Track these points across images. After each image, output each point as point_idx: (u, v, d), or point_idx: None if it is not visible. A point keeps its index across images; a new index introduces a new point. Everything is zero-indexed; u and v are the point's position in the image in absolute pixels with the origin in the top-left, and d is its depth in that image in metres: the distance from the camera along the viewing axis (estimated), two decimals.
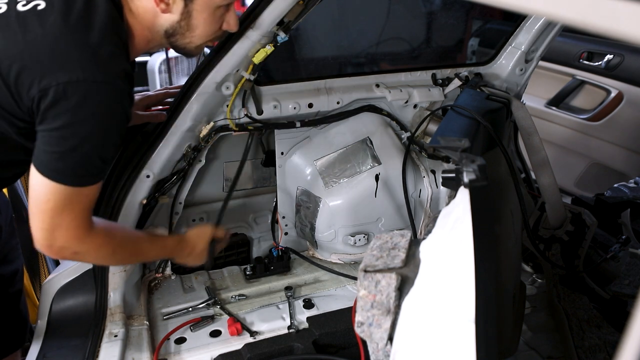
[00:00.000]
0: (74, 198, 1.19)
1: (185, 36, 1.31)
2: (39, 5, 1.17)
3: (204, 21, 1.29)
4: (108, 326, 1.69)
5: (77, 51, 1.13)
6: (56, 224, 1.19)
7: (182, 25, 1.28)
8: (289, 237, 2.17)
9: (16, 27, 1.15)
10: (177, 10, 1.25)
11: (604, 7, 0.46)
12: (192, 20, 1.27)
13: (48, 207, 1.18)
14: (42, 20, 1.15)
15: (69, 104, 1.11)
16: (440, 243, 0.93)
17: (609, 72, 3.00)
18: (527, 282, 2.12)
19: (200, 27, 1.30)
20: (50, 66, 1.12)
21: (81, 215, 1.23)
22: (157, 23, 1.28)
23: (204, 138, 1.77)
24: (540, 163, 1.92)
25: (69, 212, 1.20)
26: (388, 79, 2.00)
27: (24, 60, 1.13)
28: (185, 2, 1.24)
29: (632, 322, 0.45)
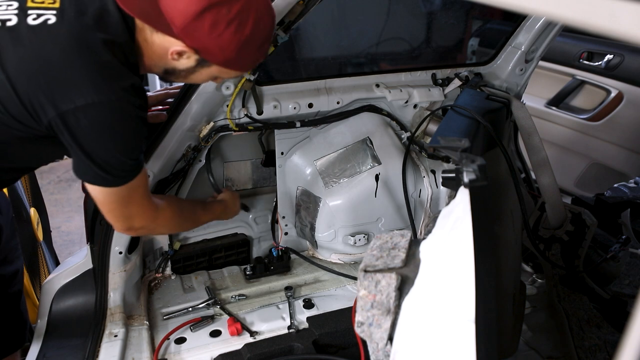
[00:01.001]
0: (130, 192, 1.33)
1: (178, 79, 1.39)
2: (50, 20, 1.17)
3: (200, 80, 1.41)
4: (108, 326, 1.69)
5: (90, 72, 1.16)
6: (127, 214, 1.38)
7: (182, 75, 1.35)
8: (289, 237, 2.17)
9: (28, 43, 1.15)
10: (184, 64, 1.31)
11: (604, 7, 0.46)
12: (191, 75, 1.36)
13: (114, 207, 1.34)
14: (53, 37, 1.16)
15: (90, 125, 1.18)
16: (440, 243, 0.93)
17: (609, 72, 3.00)
18: (527, 282, 2.12)
19: (194, 81, 1.41)
20: (65, 89, 1.15)
21: (144, 200, 1.40)
22: (162, 61, 1.32)
23: (204, 138, 1.77)
24: (540, 163, 1.92)
25: (132, 203, 1.36)
26: (388, 79, 2.00)
27: (38, 80, 1.14)
28: (196, 65, 1.31)
29: (632, 322, 0.45)
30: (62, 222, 3.68)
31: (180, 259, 2.04)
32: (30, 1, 1.20)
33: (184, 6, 1.18)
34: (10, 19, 1.18)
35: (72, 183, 4.15)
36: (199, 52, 1.26)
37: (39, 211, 2.32)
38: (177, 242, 2.02)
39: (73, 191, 4.07)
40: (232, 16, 1.20)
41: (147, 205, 1.41)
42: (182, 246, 2.05)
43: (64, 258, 2.01)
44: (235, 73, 1.39)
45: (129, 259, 1.78)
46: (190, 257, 2.07)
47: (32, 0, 1.20)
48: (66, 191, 4.09)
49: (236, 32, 1.22)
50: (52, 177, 4.26)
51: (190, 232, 2.07)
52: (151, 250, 2.00)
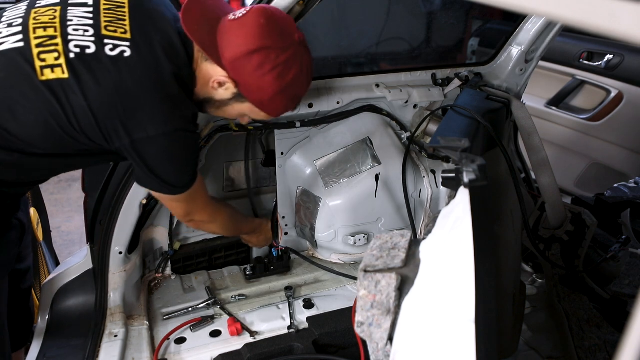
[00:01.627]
0: (192, 194, 1.49)
1: (211, 109, 1.48)
2: (125, 52, 1.25)
3: (230, 115, 1.50)
4: (108, 326, 1.69)
5: (162, 105, 1.27)
6: (190, 211, 1.57)
7: (217, 105, 1.45)
8: (289, 237, 2.17)
9: (107, 74, 1.23)
10: (221, 95, 1.41)
11: (604, 7, 0.46)
12: (224, 107, 1.46)
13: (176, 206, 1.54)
14: (131, 69, 1.24)
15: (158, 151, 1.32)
16: (440, 243, 0.93)
17: (609, 72, 3.00)
18: (527, 282, 2.12)
19: (225, 114, 1.50)
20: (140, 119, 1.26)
21: (204, 200, 1.59)
22: (205, 89, 1.41)
23: (204, 138, 1.77)
24: (540, 163, 1.92)
25: (192, 203, 1.54)
26: (388, 79, 2.00)
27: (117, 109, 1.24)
28: (231, 98, 1.40)
29: (632, 322, 0.45)
30: (62, 222, 3.68)
31: (180, 259, 2.05)
32: (104, 29, 1.26)
33: (239, 42, 1.31)
34: (89, 47, 1.24)
35: (72, 183, 4.15)
36: (239, 86, 1.36)
37: (39, 211, 2.32)
38: (177, 242, 2.02)
39: (73, 191, 4.06)
40: (279, 62, 1.33)
41: (205, 204, 1.60)
42: (182, 246, 2.05)
43: (64, 258, 2.01)
44: (263, 116, 1.49)
45: (129, 259, 1.78)
46: (190, 257, 2.07)
47: (106, 29, 1.26)
48: (66, 191, 4.09)
49: (278, 77, 1.35)
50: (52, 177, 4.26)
51: (190, 232, 2.08)
52: (151, 250, 2.00)
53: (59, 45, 1.22)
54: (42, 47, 1.22)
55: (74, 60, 1.22)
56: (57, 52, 1.22)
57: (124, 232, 1.71)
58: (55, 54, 1.22)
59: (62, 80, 1.20)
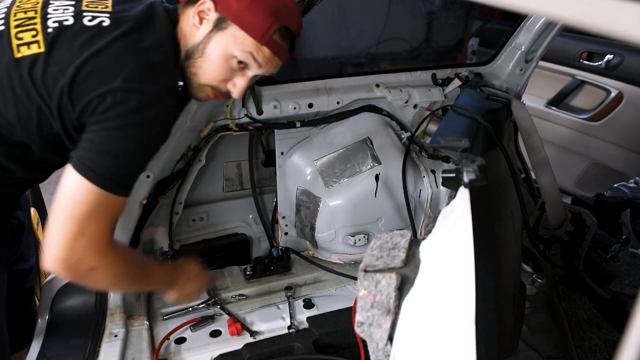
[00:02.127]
0: (104, 205, 1.18)
1: (195, 63, 1.35)
2: (104, 22, 1.23)
3: (216, 59, 1.33)
4: (108, 326, 1.69)
5: (135, 64, 1.20)
6: (80, 231, 1.16)
7: (199, 49, 1.33)
8: (289, 237, 2.17)
9: (83, 40, 1.20)
10: (203, 31, 1.32)
11: (604, 7, 0.46)
12: (207, 48, 1.32)
13: (77, 211, 1.16)
14: (106, 35, 1.21)
15: (123, 109, 1.16)
16: (440, 243, 0.93)
17: (609, 72, 3.00)
18: (527, 282, 2.12)
19: (210, 62, 1.33)
20: (111, 75, 1.18)
21: (106, 227, 1.21)
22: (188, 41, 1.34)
23: (204, 138, 1.77)
24: (540, 163, 1.93)
25: (96, 220, 1.18)
26: (388, 79, 2.00)
27: (87, 69, 1.18)
28: (212, 28, 1.31)
29: (632, 322, 0.45)
30: None
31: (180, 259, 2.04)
32: (85, 6, 1.27)
33: None
34: (68, 19, 1.24)
35: None
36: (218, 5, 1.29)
37: (39, 211, 2.32)
38: (177, 242, 2.02)
39: None
40: None
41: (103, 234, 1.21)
42: (182, 246, 2.05)
43: None
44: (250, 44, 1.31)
45: None
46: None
47: (87, 5, 1.27)
48: None
49: None
50: (52, 177, 4.26)
51: (191, 232, 2.07)
52: (151, 250, 2.00)
53: (37, 24, 1.23)
54: (20, 27, 1.23)
55: (51, 34, 1.22)
56: (35, 30, 1.22)
57: (124, 232, 1.71)
58: (33, 32, 1.22)
59: (37, 55, 1.20)
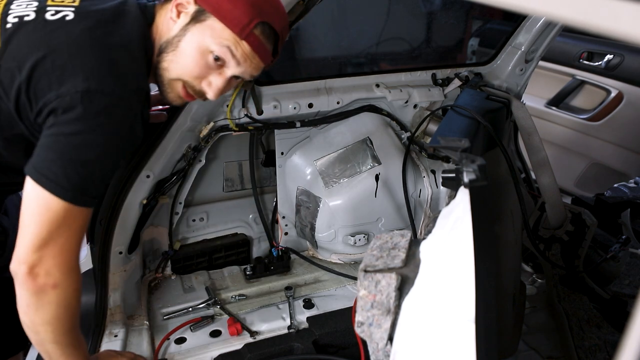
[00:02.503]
0: (69, 217, 1.12)
1: (167, 57, 1.27)
2: (67, 16, 1.17)
3: (191, 53, 1.25)
4: (108, 326, 1.69)
5: (97, 62, 1.13)
6: (48, 240, 1.11)
7: (174, 42, 1.26)
8: (289, 237, 2.17)
9: (42, 34, 1.15)
10: (180, 24, 1.26)
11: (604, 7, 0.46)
12: (183, 41, 1.25)
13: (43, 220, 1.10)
14: (68, 29, 1.15)
15: (82, 112, 1.09)
16: (440, 243, 0.93)
17: (609, 72, 3.00)
18: (527, 282, 2.12)
19: (185, 56, 1.26)
20: (70, 73, 1.11)
21: (73, 241, 1.15)
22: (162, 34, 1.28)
23: (204, 138, 1.77)
24: (540, 163, 1.93)
25: (63, 231, 1.12)
26: (388, 79, 2.00)
27: (45, 65, 1.12)
28: (190, 20, 1.24)
29: (632, 322, 0.45)
30: None
31: (180, 259, 2.04)
32: (50, 0, 1.21)
33: None
34: (29, 15, 1.18)
35: None
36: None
37: None
38: (177, 242, 2.02)
39: None
40: None
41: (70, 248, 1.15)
42: (182, 246, 2.05)
43: None
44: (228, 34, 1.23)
45: (129, 259, 1.78)
46: (190, 257, 2.07)
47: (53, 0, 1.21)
48: None
49: None
50: None
51: (190, 232, 2.07)
52: (151, 250, 2.00)
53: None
54: None
55: (9, 30, 1.16)
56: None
57: (124, 232, 1.71)
58: None
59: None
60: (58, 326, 1.21)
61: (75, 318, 1.24)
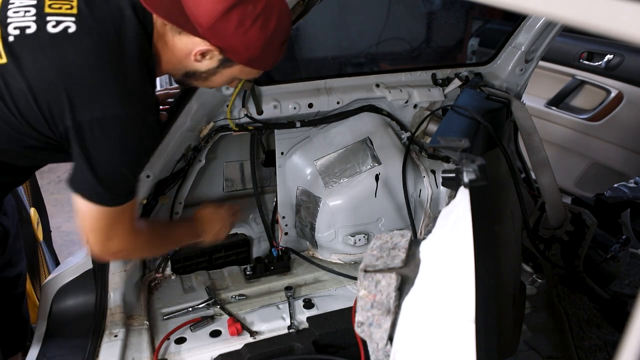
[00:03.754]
0: (120, 214, 1.27)
1: (197, 81, 1.39)
2: (70, 28, 1.15)
3: (220, 82, 1.39)
4: (108, 326, 1.69)
5: (110, 84, 1.16)
6: (110, 236, 1.29)
7: (203, 76, 1.35)
8: (289, 237, 2.17)
9: (48, 52, 1.13)
10: (206, 66, 1.31)
11: (604, 7, 0.46)
12: (212, 77, 1.35)
13: (99, 225, 1.26)
14: (74, 46, 1.14)
15: (105, 137, 1.16)
16: (440, 243, 0.93)
17: (609, 72, 3.00)
18: (527, 282, 2.12)
19: (214, 83, 1.39)
20: (84, 99, 1.14)
21: (129, 225, 1.32)
22: (184, 63, 1.31)
23: (204, 138, 1.77)
24: (540, 163, 1.93)
25: (119, 226, 1.29)
26: (388, 79, 2.00)
27: (58, 88, 1.13)
28: (218, 65, 1.31)
29: (632, 322, 0.45)
30: (62, 222, 3.68)
31: (180, 259, 2.04)
32: (48, 7, 1.17)
33: (210, 5, 1.17)
34: (29, 26, 1.15)
35: None
36: (224, 51, 1.26)
37: (39, 211, 2.32)
38: None
39: None
40: (258, 13, 1.21)
41: (129, 229, 1.33)
42: None
43: (64, 258, 2.01)
44: (256, 72, 1.39)
45: None
46: (190, 257, 2.07)
47: (50, 7, 1.17)
48: (66, 191, 4.03)
49: (262, 28, 1.23)
50: (52, 177, 4.27)
51: None
52: None
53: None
54: None
55: (13, 44, 1.13)
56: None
57: None
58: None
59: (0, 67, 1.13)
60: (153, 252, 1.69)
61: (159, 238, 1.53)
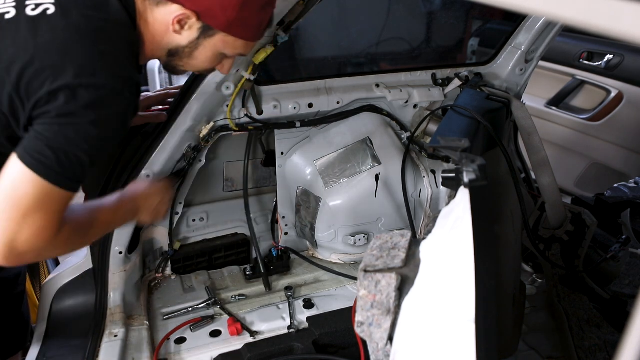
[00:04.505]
0: (52, 199, 1.13)
1: (182, 60, 1.34)
2: (49, 10, 1.14)
3: (205, 58, 1.33)
4: (108, 326, 1.69)
5: (86, 57, 1.13)
6: (25, 222, 1.11)
7: (186, 52, 1.31)
8: (289, 237, 2.17)
9: (27, 32, 1.13)
10: (187, 37, 1.28)
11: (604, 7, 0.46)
12: (195, 52, 1.31)
13: (22, 203, 1.10)
14: (52, 25, 1.13)
15: (75, 107, 1.10)
16: (440, 243, 0.93)
17: (609, 72, 3.00)
18: (527, 282, 2.12)
19: (199, 60, 1.34)
20: (61, 69, 1.10)
21: (53, 218, 1.15)
22: (165, 40, 1.29)
23: (204, 138, 1.77)
24: (540, 163, 1.93)
25: (42, 213, 1.12)
26: (388, 79, 2.00)
27: (34, 65, 1.10)
28: (198, 36, 1.28)
29: (632, 322, 0.45)
30: None
31: (180, 259, 2.04)
32: None
33: None
34: (9, 12, 1.16)
35: None
36: (200, 15, 1.23)
37: None
38: (177, 242, 2.02)
39: None
40: None
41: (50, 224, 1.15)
42: (182, 246, 2.05)
43: (64, 258, 2.01)
44: (241, 45, 1.31)
45: (129, 259, 1.78)
46: (190, 257, 2.07)
47: None
48: None
49: None
50: None
51: (190, 232, 2.08)
52: (151, 250, 2.00)
53: None
54: None
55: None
56: None
57: (124, 232, 1.71)
58: None
59: None
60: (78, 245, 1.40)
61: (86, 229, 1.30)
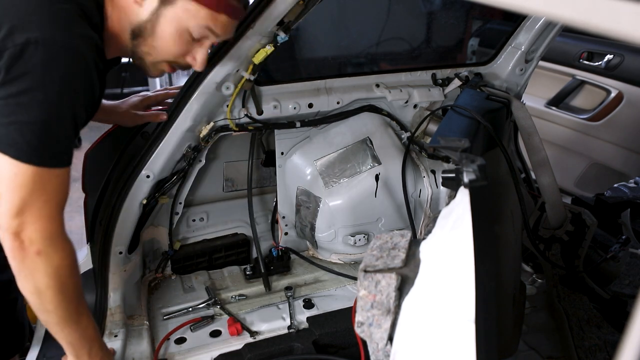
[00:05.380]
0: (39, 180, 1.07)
1: (146, 43, 1.26)
2: None
3: (169, 36, 1.24)
4: (108, 326, 1.69)
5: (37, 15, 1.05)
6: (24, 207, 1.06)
7: (148, 28, 1.23)
8: (289, 237, 2.17)
9: None
10: (148, 8, 1.21)
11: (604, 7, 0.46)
12: (158, 27, 1.23)
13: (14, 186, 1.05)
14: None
15: (26, 67, 1.02)
16: (440, 243, 0.93)
17: (609, 72, 3.00)
18: (527, 282, 2.12)
19: (164, 41, 1.25)
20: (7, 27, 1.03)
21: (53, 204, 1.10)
22: (127, 18, 1.23)
23: (204, 138, 1.77)
24: (540, 163, 1.93)
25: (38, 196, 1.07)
26: (388, 79, 2.00)
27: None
28: (159, 6, 1.21)
29: (632, 322, 0.45)
30: None
31: (180, 259, 2.05)
32: None
33: None
34: None
35: (72, 183, 4.10)
36: None
37: None
38: (177, 242, 2.02)
39: (73, 191, 3.98)
40: None
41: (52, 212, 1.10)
42: (182, 246, 2.05)
43: None
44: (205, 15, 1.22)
45: (129, 259, 1.78)
46: (190, 257, 2.07)
47: None
48: None
49: None
50: None
51: (190, 232, 2.08)
52: (151, 250, 2.00)
53: None
54: None
55: None
56: None
57: (124, 232, 1.71)
58: None
59: None
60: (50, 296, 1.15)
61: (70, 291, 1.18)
